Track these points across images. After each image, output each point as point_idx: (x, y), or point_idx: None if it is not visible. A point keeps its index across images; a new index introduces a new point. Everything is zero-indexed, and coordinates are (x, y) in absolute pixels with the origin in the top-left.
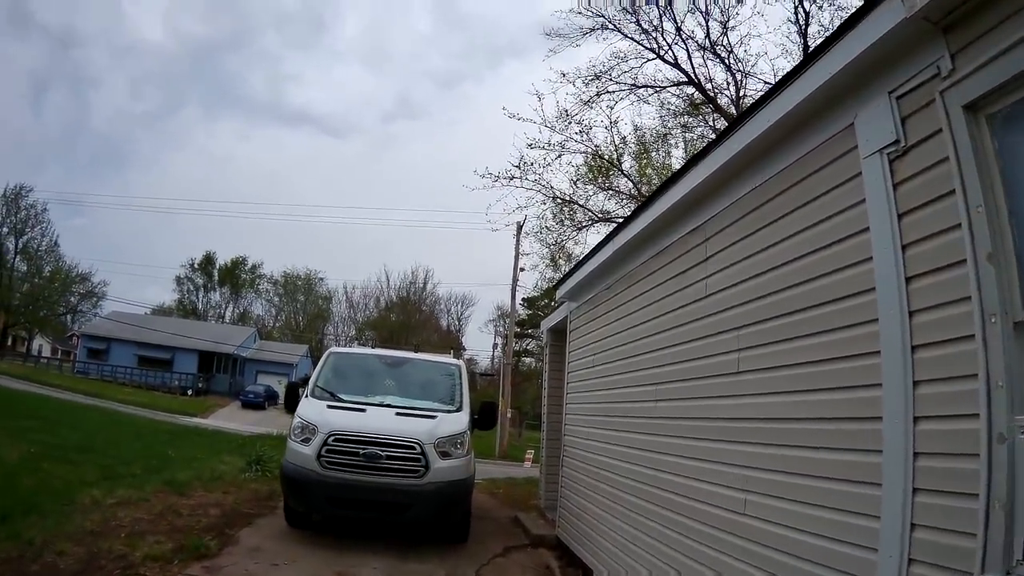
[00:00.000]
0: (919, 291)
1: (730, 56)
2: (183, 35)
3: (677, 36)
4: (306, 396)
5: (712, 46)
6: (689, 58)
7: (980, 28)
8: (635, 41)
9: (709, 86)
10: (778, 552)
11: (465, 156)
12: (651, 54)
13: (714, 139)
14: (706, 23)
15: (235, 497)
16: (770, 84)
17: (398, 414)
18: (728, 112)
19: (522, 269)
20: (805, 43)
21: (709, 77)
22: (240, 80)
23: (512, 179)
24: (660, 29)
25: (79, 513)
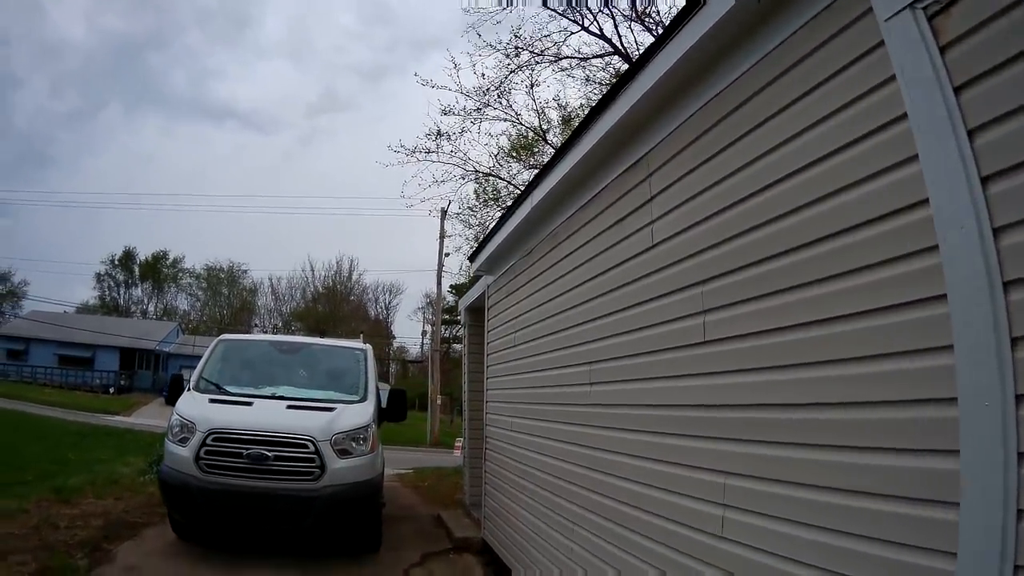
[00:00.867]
0: (1003, 196)
1: (658, 27)
2: (105, 32)
3: (604, 6)
4: (188, 389)
5: (639, 16)
6: (616, 29)
7: None
8: (558, 14)
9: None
10: None
11: (392, 147)
12: (576, 26)
13: (659, 37)
14: None
15: (126, 504)
16: None
17: (290, 407)
18: None
19: (447, 254)
20: None
21: (639, 48)
22: (163, 77)
23: (429, 152)
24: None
25: None
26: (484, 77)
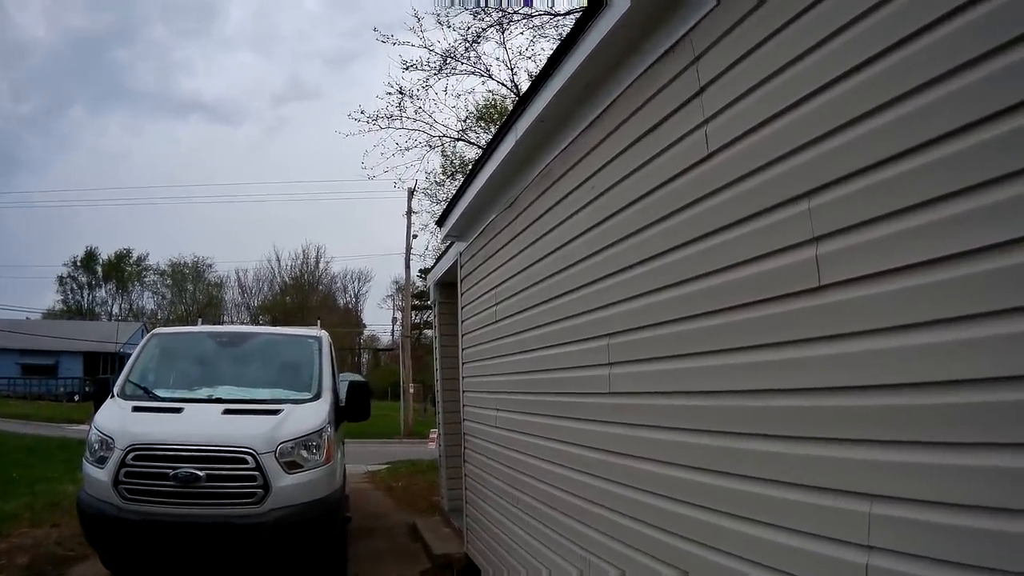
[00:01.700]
0: None
1: None
2: (66, 30)
3: None
4: (112, 396)
5: None
6: None
7: None
8: None
9: None
10: None
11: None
12: None
13: None
14: None
15: (62, 532)
16: None
17: (227, 412)
18: None
19: (415, 235)
20: None
21: None
22: (127, 73)
23: (392, 119)
24: None
25: None
26: (451, 28)
